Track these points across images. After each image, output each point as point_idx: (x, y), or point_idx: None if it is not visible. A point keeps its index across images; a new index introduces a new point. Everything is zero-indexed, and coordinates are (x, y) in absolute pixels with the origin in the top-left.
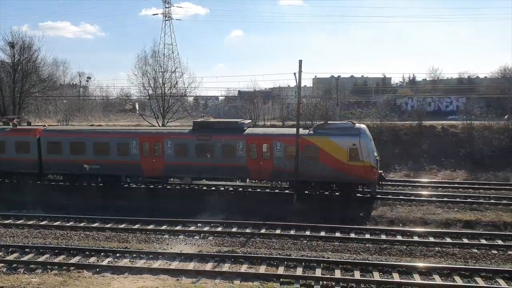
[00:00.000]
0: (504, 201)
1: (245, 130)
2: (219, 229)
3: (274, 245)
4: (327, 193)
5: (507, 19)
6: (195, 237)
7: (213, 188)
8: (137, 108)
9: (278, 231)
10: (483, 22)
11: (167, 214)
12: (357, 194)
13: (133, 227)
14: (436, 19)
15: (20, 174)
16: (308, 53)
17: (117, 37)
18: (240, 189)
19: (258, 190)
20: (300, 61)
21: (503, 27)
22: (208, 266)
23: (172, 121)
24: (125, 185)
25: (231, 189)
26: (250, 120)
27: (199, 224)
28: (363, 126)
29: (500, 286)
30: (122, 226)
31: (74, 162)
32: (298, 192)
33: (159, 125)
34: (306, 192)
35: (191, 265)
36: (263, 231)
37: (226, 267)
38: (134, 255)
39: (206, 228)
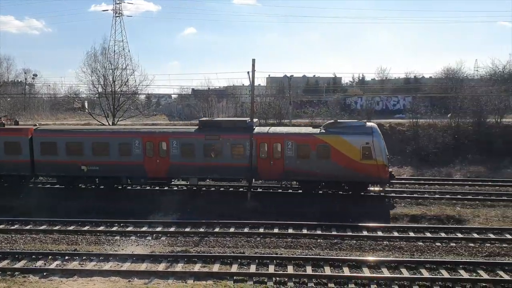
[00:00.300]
0: (447, 196)
1: (254, 129)
2: (172, 229)
3: (228, 244)
4: (281, 191)
5: (450, 22)
6: (147, 238)
7: (166, 188)
8: (86, 107)
9: (232, 230)
10: (428, 24)
11: (118, 215)
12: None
13: (83, 229)
14: (383, 20)
15: (9, 176)
16: (261, 52)
17: (65, 33)
18: (194, 188)
19: (213, 189)
20: (253, 60)
21: (447, 29)
22: (161, 267)
23: (123, 120)
24: (83, 186)
25: (184, 188)
26: (257, 119)
27: (151, 225)
28: (374, 125)
29: (443, 276)
30: (71, 228)
31: (71, 163)
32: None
33: (109, 124)
34: (321, 192)
35: (143, 266)
36: (217, 229)
37: (179, 267)
38: (84, 258)
39: (158, 229)
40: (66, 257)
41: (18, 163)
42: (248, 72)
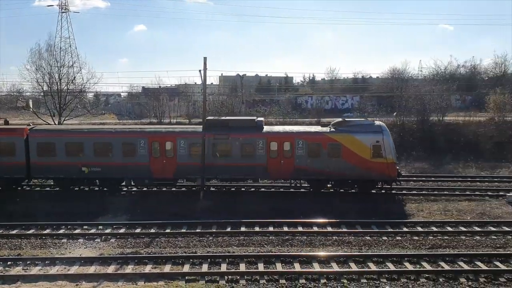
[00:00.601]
0: (393, 191)
1: (264, 127)
2: (122, 230)
3: (180, 244)
4: (233, 189)
5: (396, 24)
6: (96, 240)
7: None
8: (31, 106)
9: (183, 230)
10: (375, 26)
11: (66, 217)
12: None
13: (27, 233)
14: (332, 21)
15: (1, 179)
16: (214, 51)
17: (7, 29)
18: (145, 188)
19: (164, 189)
20: (205, 58)
21: (393, 31)
22: (110, 269)
23: (69, 119)
24: (20, 189)
25: (135, 189)
26: (263, 118)
27: (100, 227)
28: (382, 123)
29: (389, 269)
30: (14, 232)
31: (71, 164)
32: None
33: (55, 123)
34: (323, 190)
35: (91, 269)
36: (168, 230)
37: (129, 269)
38: (28, 262)
39: (108, 230)
40: (9, 263)
41: (12, 166)
42: (200, 71)
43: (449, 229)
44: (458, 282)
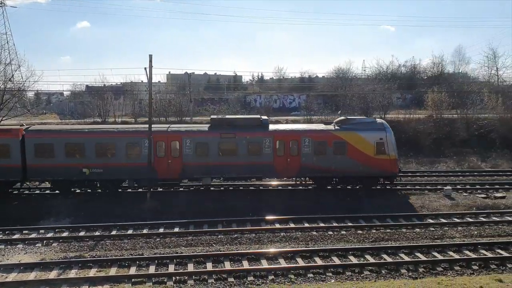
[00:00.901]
0: (338, 186)
1: (269, 126)
2: (65, 234)
3: (126, 246)
4: (181, 189)
5: (340, 24)
6: (37, 245)
7: (57, 191)
8: None
9: (130, 232)
10: (321, 26)
11: (3, 221)
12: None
13: None
14: (280, 20)
15: None
16: (162, 49)
17: None
18: (89, 190)
19: (108, 191)
20: (150, 56)
21: (337, 31)
22: (53, 274)
23: (8, 119)
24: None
25: (78, 191)
26: (266, 117)
27: (41, 231)
28: (383, 121)
29: (334, 263)
30: None
31: (70, 166)
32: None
33: None
34: (329, 187)
35: (32, 275)
36: (113, 232)
37: (72, 273)
38: None
39: (49, 235)
40: None
41: (6, 168)
42: (145, 68)
43: (391, 222)
44: (400, 273)
